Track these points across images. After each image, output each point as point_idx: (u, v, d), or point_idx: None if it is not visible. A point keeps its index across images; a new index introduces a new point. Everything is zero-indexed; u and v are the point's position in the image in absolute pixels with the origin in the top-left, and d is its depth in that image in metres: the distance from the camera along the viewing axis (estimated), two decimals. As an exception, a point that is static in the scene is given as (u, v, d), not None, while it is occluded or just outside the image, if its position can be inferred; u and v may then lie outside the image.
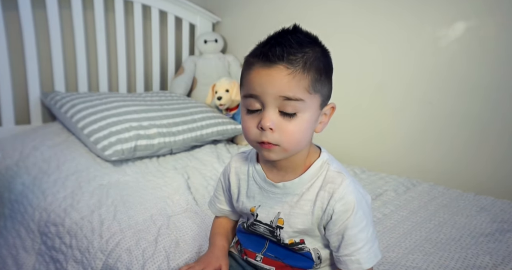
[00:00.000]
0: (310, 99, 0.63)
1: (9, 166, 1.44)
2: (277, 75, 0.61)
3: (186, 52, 2.20)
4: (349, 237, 0.66)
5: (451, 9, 1.43)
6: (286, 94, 0.61)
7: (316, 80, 0.63)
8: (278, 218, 0.70)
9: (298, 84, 0.61)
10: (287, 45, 0.62)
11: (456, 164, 1.49)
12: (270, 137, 0.63)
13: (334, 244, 0.68)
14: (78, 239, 1.03)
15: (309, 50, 0.63)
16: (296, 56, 0.62)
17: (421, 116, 1.55)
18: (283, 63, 0.61)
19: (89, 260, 0.97)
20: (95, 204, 1.14)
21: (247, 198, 0.75)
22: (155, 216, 1.06)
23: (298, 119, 0.63)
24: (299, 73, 0.61)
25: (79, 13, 1.79)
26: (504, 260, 0.91)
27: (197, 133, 1.62)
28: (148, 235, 0.98)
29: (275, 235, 0.71)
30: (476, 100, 1.42)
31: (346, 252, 0.66)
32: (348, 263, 0.66)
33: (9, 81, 1.66)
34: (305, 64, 0.62)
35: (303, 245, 0.70)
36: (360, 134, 1.73)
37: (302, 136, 0.65)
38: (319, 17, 1.78)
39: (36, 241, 1.15)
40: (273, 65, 0.61)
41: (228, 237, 0.84)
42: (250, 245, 0.77)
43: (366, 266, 0.66)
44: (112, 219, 1.05)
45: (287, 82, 0.61)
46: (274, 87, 0.61)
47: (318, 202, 0.67)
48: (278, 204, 0.70)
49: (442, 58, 1.48)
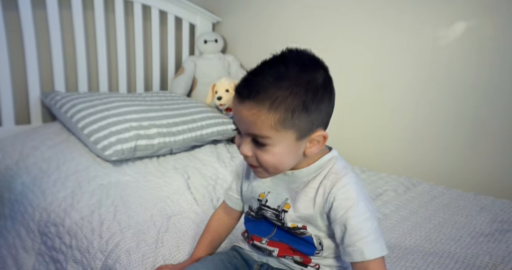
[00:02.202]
0: (278, 135, 0.64)
1: (9, 166, 1.44)
2: (245, 112, 0.64)
3: (186, 52, 2.20)
4: (351, 226, 0.65)
5: (450, 9, 1.43)
6: (252, 132, 0.65)
7: (284, 119, 0.63)
8: (286, 203, 0.73)
9: (262, 123, 0.63)
10: (259, 81, 0.63)
11: (456, 164, 1.49)
12: (250, 160, 0.68)
13: (338, 235, 0.67)
14: (78, 239, 1.03)
15: (283, 85, 0.62)
16: (263, 95, 0.62)
17: (421, 116, 1.55)
18: (251, 101, 0.63)
19: (88, 260, 0.97)
20: (95, 204, 1.14)
21: (257, 183, 0.77)
22: (155, 216, 1.06)
23: (270, 150, 0.65)
24: (264, 114, 0.63)
25: (79, 13, 1.79)
26: (504, 260, 0.91)
27: (197, 133, 1.62)
28: (148, 236, 0.97)
29: (280, 218, 0.73)
30: (475, 100, 1.42)
31: (349, 242, 0.66)
32: (352, 253, 0.65)
33: (9, 81, 1.66)
34: (272, 104, 0.62)
35: (304, 230, 0.72)
36: (360, 134, 1.73)
37: (279, 163, 0.67)
38: (319, 17, 1.78)
39: (36, 241, 1.15)
40: (244, 102, 0.64)
41: (215, 239, 0.88)
42: (257, 231, 0.79)
43: (369, 256, 0.64)
44: (112, 219, 1.05)
45: (253, 120, 0.63)
46: (243, 123, 0.65)
47: (320, 189, 0.69)
48: (286, 190, 0.73)
49: (442, 58, 1.48)
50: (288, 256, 0.75)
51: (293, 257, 0.74)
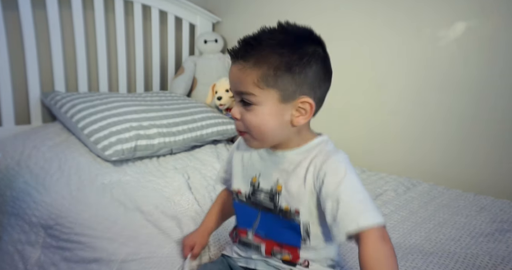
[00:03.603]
0: (262, 93, 0.67)
1: (10, 165, 1.44)
2: (234, 71, 0.69)
3: (186, 52, 2.20)
4: (343, 200, 0.63)
5: (450, 9, 1.43)
6: (239, 89, 0.68)
7: (267, 75, 0.65)
8: (277, 184, 0.73)
9: (246, 79, 0.67)
10: (249, 42, 0.67)
11: (456, 164, 1.49)
12: (238, 124, 0.71)
13: (330, 212, 0.64)
14: (92, 229, 1.05)
15: (270, 47, 0.66)
16: (250, 53, 0.66)
17: (421, 116, 1.55)
18: (240, 60, 0.67)
19: (108, 247, 0.98)
20: (103, 199, 1.17)
21: (246, 167, 0.78)
22: (157, 215, 1.06)
23: (255, 110, 0.68)
24: (248, 69, 0.66)
25: (79, 13, 1.79)
26: (503, 260, 0.91)
27: (197, 133, 1.62)
28: (150, 235, 0.98)
29: (274, 200, 0.73)
30: (475, 100, 1.42)
31: (342, 215, 0.62)
32: (347, 224, 0.61)
33: (9, 81, 1.66)
34: (256, 62, 0.66)
35: (295, 217, 0.70)
36: (360, 134, 1.73)
37: (263, 125, 0.68)
38: (318, 17, 1.78)
39: (40, 235, 1.16)
40: (235, 62, 0.68)
41: (220, 215, 0.91)
42: (243, 219, 0.79)
43: (363, 223, 0.61)
44: (123, 213, 1.09)
45: (238, 77, 0.68)
46: (233, 83, 0.70)
47: (311, 167, 0.69)
48: (276, 171, 0.73)
49: (442, 58, 1.48)
50: (276, 250, 0.74)
51: (281, 252, 0.73)
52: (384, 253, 0.60)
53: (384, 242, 0.61)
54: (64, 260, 1.05)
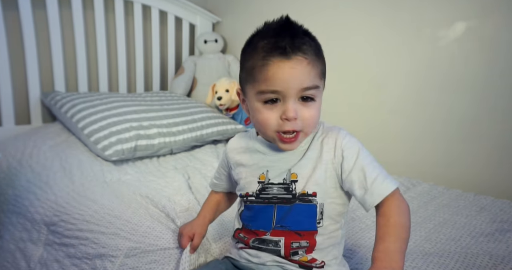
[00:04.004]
0: (321, 84, 0.69)
1: (12, 165, 1.44)
2: (298, 67, 0.64)
3: (186, 52, 2.20)
4: (367, 167, 0.68)
5: (450, 9, 1.43)
6: (307, 85, 0.66)
7: (324, 65, 0.69)
8: (291, 174, 0.72)
9: (315, 73, 0.66)
10: (297, 35, 0.65)
11: (456, 164, 1.49)
12: (294, 125, 0.67)
13: (358, 183, 0.68)
14: (101, 225, 1.05)
15: (308, 39, 0.67)
16: (306, 45, 0.65)
17: (421, 116, 1.55)
18: (300, 53, 0.64)
19: (115, 241, 0.98)
20: (109, 195, 1.17)
21: (251, 168, 0.76)
22: (158, 215, 1.06)
23: (316, 104, 0.68)
24: (315, 61, 0.66)
25: (79, 13, 1.79)
26: (504, 260, 0.91)
27: (197, 133, 1.62)
28: (162, 222, 1.00)
29: (290, 190, 0.71)
30: (475, 100, 1.42)
31: (371, 179, 0.67)
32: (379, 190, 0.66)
33: (9, 81, 1.66)
34: (315, 52, 0.67)
35: (312, 198, 0.70)
36: (359, 134, 1.72)
37: (318, 119, 0.70)
38: (319, 17, 1.78)
39: (42, 233, 1.17)
40: (292, 57, 0.64)
41: (215, 209, 0.91)
42: (260, 220, 0.75)
43: (393, 186, 0.67)
44: (128, 208, 1.09)
45: (308, 72, 0.65)
46: (297, 80, 0.65)
47: (325, 147, 0.71)
48: (287, 162, 0.73)
49: (442, 58, 1.48)
50: (296, 244, 0.71)
51: (300, 244, 0.71)
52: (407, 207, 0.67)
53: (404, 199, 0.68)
54: (67, 256, 1.06)
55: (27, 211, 1.23)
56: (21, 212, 1.25)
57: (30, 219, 1.21)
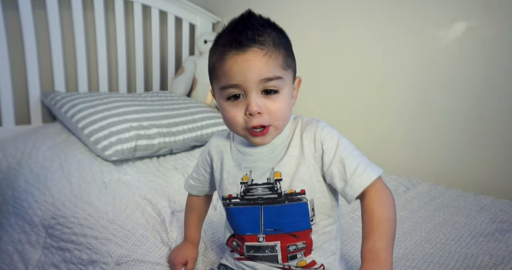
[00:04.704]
0: (286, 75, 0.67)
1: (11, 165, 1.44)
2: (254, 58, 0.63)
3: (186, 52, 2.20)
4: (347, 158, 0.66)
5: (450, 9, 1.43)
6: (267, 76, 0.64)
7: (287, 55, 0.67)
8: (274, 172, 0.70)
9: (274, 63, 0.64)
10: (253, 27, 0.65)
11: (456, 164, 1.49)
12: (260, 120, 0.65)
13: (338, 176, 0.66)
14: (94, 229, 1.04)
15: (270, 30, 0.67)
16: (264, 37, 0.64)
17: (421, 116, 1.55)
18: (255, 45, 0.63)
19: (107, 247, 0.98)
20: (106, 197, 1.16)
21: (233, 169, 0.75)
22: (154, 221, 1.06)
23: (281, 97, 0.66)
24: (273, 52, 0.64)
25: (79, 13, 1.79)
26: (504, 260, 0.91)
27: (197, 133, 1.62)
28: (157, 230, 1.00)
29: (276, 189, 0.70)
30: (475, 100, 1.42)
31: (351, 170, 0.65)
32: (360, 181, 0.64)
33: (9, 81, 1.66)
34: (274, 42, 0.65)
35: (302, 196, 0.69)
36: (359, 134, 1.73)
37: (287, 111, 0.68)
38: (319, 17, 1.78)
39: (40, 235, 1.16)
40: (247, 50, 0.63)
41: (199, 223, 0.90)
42: (247, 224, 0.74)
43: (375, 175, 0.65)
44: (124, 212, 1.08)
45: (265, 63, 0.63)
46: (254, 72, 0.63)
47: (305, 142, 0.70)
48: (269, 161, 0.71)
49: (442, 58, 1.48)
50: (292, 247, 0.71)
51: (297, 246, 0.70)
52: (390, 197, 0.66)
53: (387, 187, 0.67)
54: (64, 261, 1.05)
55: (25, 213, 1.23)
56: (20, 214, 1.25)
57: (28, 221, 1.20)
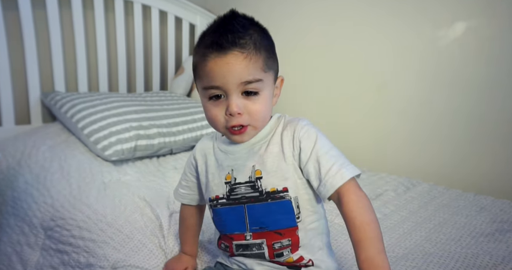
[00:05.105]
0: (266, 77, 0.68)
1: (11, 165, 1.44)
2: (234, 62, 0.64)
3: (186, 52, 2.20)
4: (322, 157, 0.67)
5: (450, 9, 1.43)
6: (247, 79, 0.65)
7: (267, 58, 0.68)
8: (255, 171, 0.71)
9: (254, 66, 0.65)
10: (235, 30, 0.65)
11: (456, 164, 1.49)
12: (240, 120, 0.67)
13: (314, 174, 0.67)
14: (92, 232, 1.03)
15: (252, 31, 0.67)
16: (245, 39, 0.65)
17: (421, 116, 1.55)
18: (236, 48, 0.64)
19: (104, 250, 0.97)
20: (104, 199, 1.15)
21: (217, 169, 0.76)
22: (153, 225, 1.05)
23: (260, 98, 0.68)
24: (253, 55, 0.65)
25: (79, 13, 1.79)
26: (504, 260, 0.91)
27: (197, 133, 1.62)
28: (155, 235, 0.99)
29: (257, 188, 0.71)
30: (475, 100, 1.42)
31: (325, 170, 0.66)
32: (333, 181, 0.65)
33: (9, 81, 1.66)
34: (255, 45, 0.66)
35: (284, 193, 0.70)
36: (359, 134, 1.73)
37: (266, 112, 0.70)
38: (319, 17, 1.78)
39: (39, 237, 1.16)
40: (228, 52, 0.64)
41: (195, 235, 0.90)
42: (233, 223, 0.74)
43: (348, 175, 0.65)
44: (122, 214, 1.07)
45: (245, 66, 0.65)
46: (234, 75, 0.64)
47: (284, 140, 0.71)
48: (249, 159, 0.72)
49: (442, 58, 1.48)
50: (277, 245, 0.71)
51: (282, 243, 0.71)
52: (366, 200, 0.66)
53: (361, 190, 0.67)
54: (62, 263, 1.05)
55: (25, 214, 1.22)
56: (19, 215, 1.24)
57: (28, 222, 1.20)
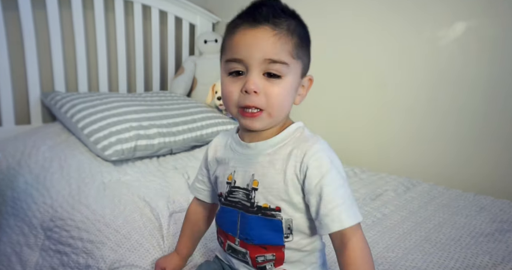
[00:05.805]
0: (293, 64, 0.64)
1: (11, 165, 1.44)
2: (262, 36, 0.62)
3: (186, 52, 2.20)
4: (326, 194, 0.62)
5: (450, 9, 1.43)
6: (271, 58, 0.62)
7: (298, 45, 0.64)
8: (253, 180, 0.67)
9: (282, 47, 0.62)
10: (272, 8, 0.63)
11: (456, 164, 1.49)
12: (255, 99, 0.63)
13: (314, 207, 0.63)
14: (91, 232, 1.03)
15: (291, 18, 0.65)
16: (281, 19, 0.63)
17: (421, 116, 1.55)
18: (268, 24, 0.62)
19: (102, 251, 0.97)
20: (103, 199, 1.15)
21: (224, 166, 0.73)
22: (151, 226, 1.05)
23: (282, 83, 0.63)
24: (284, 36, 0.62)
25: (79, 13, 1.79)
26: (503, 260, 0.91)
27: (197, 133, 1.62)
28: (153, 235, 0.99)
29: (250, 198, 0.68)
30: (475, 100, 1.42)
31: (325, 211, 0.61)
32: (329, 223, 0.61)
33: (9, 81, 1.66)
34: (289, 27, 0.63)
35: (276, 213, 0.66)
36: (360, 134, 1.73)
37: (285, 100, 0.65)
38: (320, 17, 1.78)
39: (39, 237, 1.16)
40: (259, 26, 0.62)
41: (194, 234, 0.86)
42: (228, 224, 0.73)
43: (347, 224, 0.61)
44: (121, 214, 1.07)
45: (273, 44, 0.61)
46: (260, 49, 0.61)
47: (291, 160, 0.65)
48: (251, 165, 0.68)
49: (441, 58, 1.48)
50: (261, 259, 0.69)
51: (265, 255, 0.69)
52: (368, 252, 0.63)
53: (365, 241, 0.64)
54: (61, 264, 1.05)
55: (25, 215, 1.22)
56: (19, 215, 1.24)
57: (27, 222, 1.20)
